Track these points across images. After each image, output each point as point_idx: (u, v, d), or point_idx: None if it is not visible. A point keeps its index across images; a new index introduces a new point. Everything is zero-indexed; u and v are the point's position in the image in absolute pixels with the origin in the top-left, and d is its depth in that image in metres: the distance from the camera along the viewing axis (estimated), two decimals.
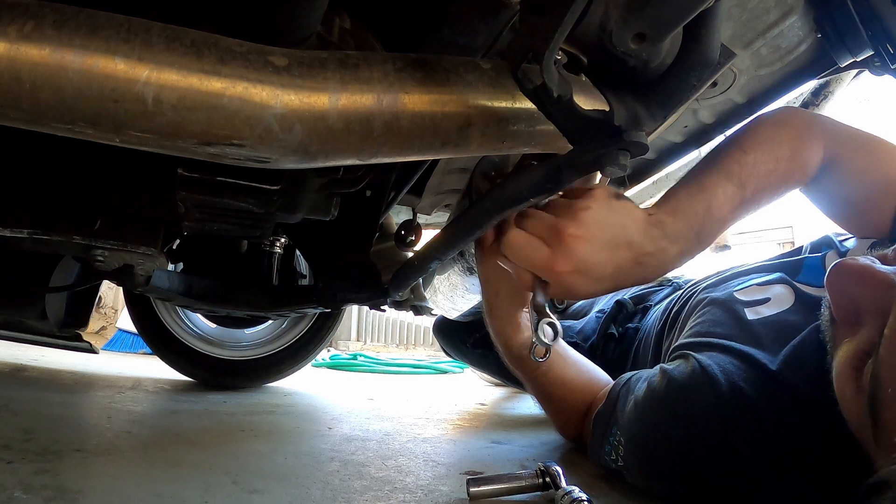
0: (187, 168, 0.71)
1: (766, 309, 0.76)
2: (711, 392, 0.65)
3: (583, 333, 1.32)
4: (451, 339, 1.53)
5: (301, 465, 0.77)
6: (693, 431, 0.65)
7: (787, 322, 0.72)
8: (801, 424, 0.61)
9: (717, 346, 0.72)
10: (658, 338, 1.04)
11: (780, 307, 0.76)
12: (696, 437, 0.65)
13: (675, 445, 0.66)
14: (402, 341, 5.73)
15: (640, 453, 0.71)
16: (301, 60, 0.44)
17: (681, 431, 0.66)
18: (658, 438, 0.68)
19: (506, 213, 0.64)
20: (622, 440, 0.73)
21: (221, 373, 1.62)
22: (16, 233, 0.81)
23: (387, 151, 0.48)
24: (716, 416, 0.64)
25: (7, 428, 0.82)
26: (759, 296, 0.80)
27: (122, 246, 0.85)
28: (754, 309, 0.77)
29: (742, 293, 0.82)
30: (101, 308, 3.38)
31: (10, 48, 0.37)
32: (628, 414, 0.73)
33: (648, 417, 0.70)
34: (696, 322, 0.83)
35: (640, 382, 0.76)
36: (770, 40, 0.83)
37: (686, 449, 0.65)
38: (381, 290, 1.09)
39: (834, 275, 0.51)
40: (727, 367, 0.67)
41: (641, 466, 0.71)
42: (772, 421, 0.62)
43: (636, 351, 1.15)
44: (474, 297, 1.08)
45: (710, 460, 0.64)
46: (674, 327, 0.98)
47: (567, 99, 0.45)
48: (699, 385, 0.67)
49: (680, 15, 0.42)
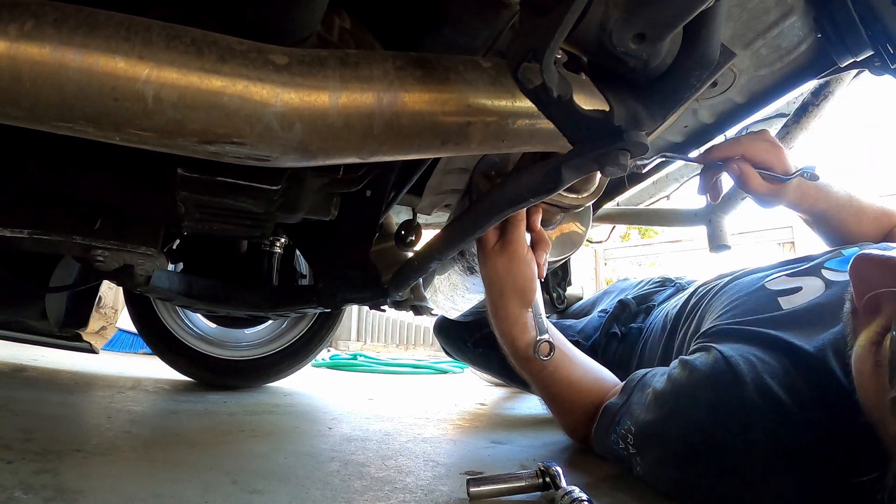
0: (187, 168, 0.71)
1: (800, 297, 0.78)
2: (734, 382, 0.65)
3: (584, 332, 1.32)
4: (452, 339, 1.53)
5: (301, 465, 0.77)
6: (714, 417, 0.65)
7: (822, 308, 0.73)
8: (825, 418, 0.60)
9: (748, 334, 0.73)
10: (669, 335, 1.04)
11: (813, 296, 0.77)
12: (717, 423, 0.64)
13: (693, 428, 0.66)
14: (402, 341, 5.73)
15: (655, 438, 0.71)
16: (301, 59, 0.44)
17: (702, 414, 0.66)
18: (677, 422, 0.68)
19: (506, 213, 0.64)
20: (631, 428, 0.73)
21: (221, 373, 1.62)
22: (16, 233, 0.81)
23: (387, 150, 0.48)
24: (738, 406, 0.64)
25: (7, 428, 0.82)
26: (791, 285, 0.82)
27: (122, 246, 0.85)
28: (788, 298, 0.79)
29: (773, 283, 0.84)
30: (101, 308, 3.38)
31: (10, 47, 0.37)
32: (646, 404, 0.73)
33: (668, 404, 0.70)
34: (724, 310, 0.84)
35: (658, 376, 0.76)
36: (770, 40, 0.83)
37: (704, 435, 0.65)
38: (381, 290, 1.09)
39: (857, 262, 0.54)
40: (750, 357, 0.67)
41: (654, 451, 0.71)
42: (794, 414, 0.62)
43: (642, 349, 1.15)
44: (475, 297, 1.08)
45: (727, 446, 0.63)
46: (685, 324, 0.99)
47: (567, 99, 0.45)
48: (721, 375, 0.67)
49: (680, 15, 0.42)
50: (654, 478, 0.72)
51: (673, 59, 0.47)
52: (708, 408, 0.66)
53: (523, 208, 0.63)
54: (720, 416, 0.64)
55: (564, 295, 1.58)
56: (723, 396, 0.65)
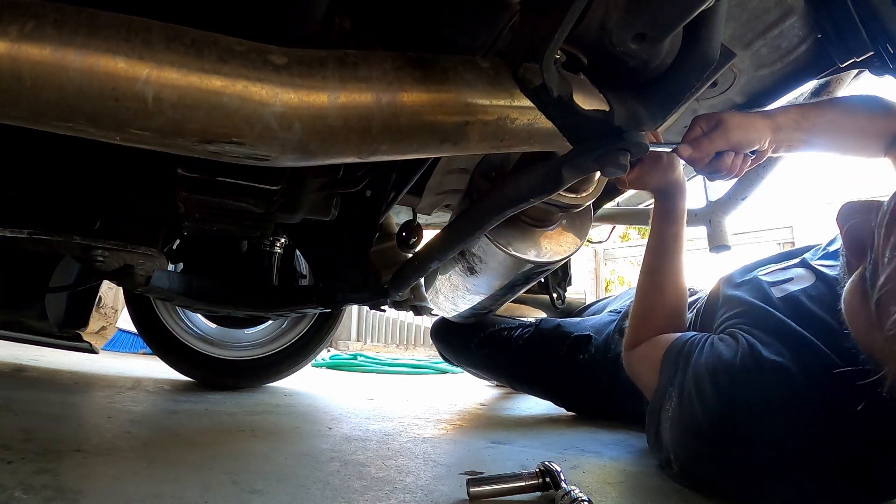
0: (187, 168, 0.71)
1: (791, 286, 0.84)
2: (760, 375, 0.70)
3: (596, 327, 1.34)
4: (453, 343, 1.52)
5: (301, 465, 0.77)
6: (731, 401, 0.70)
7: (811, 296, 0.79)
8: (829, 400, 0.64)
9: (759, 324, 0.78)
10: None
11: (803, 284, 0.83)
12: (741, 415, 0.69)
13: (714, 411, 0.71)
14: (402, 341, 5.73)
15: (687, 422, 0.74)
16: (300, 59, 0.44)
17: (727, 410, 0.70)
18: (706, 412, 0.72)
19: (506, 213, 0.64)
20: (674, 396, 0.77)
21: (221, 373, 1.62)
22: (16, 233, 0.81)
23: (386, 149, 0.48)
24: (762, 399, 0.68)
25: (7, 428, 0.82)
26: (782, 276, 0.88)
27: (122, 246, 0.85)
28: (780, 287, 0.85)
29: (767, 275, 0.90)
30: (101, 308, 3.38)
31: (11, 47, 0.38)
32: (689, 377, 0.77)
33: (700, 391, 0.74)
34: (728, 304, 0.89)
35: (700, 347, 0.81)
36: (770, 40, 0.83)
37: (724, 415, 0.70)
38: (381, 290, 1.09)
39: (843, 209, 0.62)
40: (771, 347, 0.72)
41: (686, 433, 0.75)
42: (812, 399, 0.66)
43: None
44: (476, 298, 1.08)
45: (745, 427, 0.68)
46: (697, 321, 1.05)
47: (567, 99, 0.45)
48: (747, 369, 0.71)
49: (680, 15, 0.42)
50: (683, 448, 0.75)
51: (673, 59, 0.47)
52: (729, 392, 0.71)
53: (524, 208, 0.64)
54: (738, 398, 0.70)
55: (564, 294, 1.58)
56: (741, 378, 0.71)
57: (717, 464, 0.70)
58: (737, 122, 0.84)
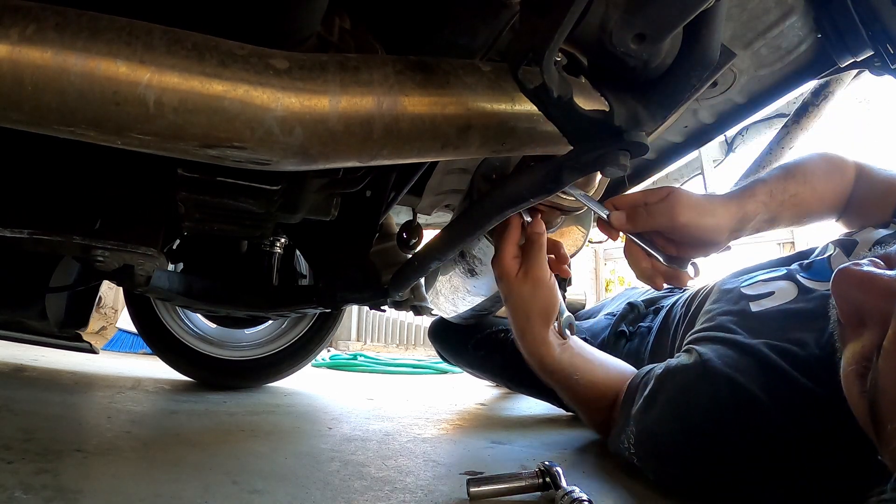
0: (187, 168, 0.71)
1: (769, 302, 0.81)
2: (708, 384, 0.68)
3: (592, 331, 1.34)
4: (450, 343, 1.52)
5: (301, 465, 0.77)
6: (689, 423, 0.68)
7: (788, 313, 0.76)
8: (799, 417, 0.63)
9: (720, 339, 0.76)
10: (675, 331, 1.08)
11: (784, 300, 0.80)
12: (693, 428, 0.67)
13: (675, 437, 0.69)
14: (402, 341, 5.73)
15: (647, 443, 0.74)
16: (301, 63, 0.44)
17: (678, 425, 0.69)
18: (662, 429, 0.71)
19: (506, 213, 0.64)
20: (633, 430, 0.76)
21: (221, 373, 1.62)
22: (16, 233, 0.80)
23: (387, 154, 0.48)
24: (713, 407, 0.67)
25: (7, 428, 0.82)
26: (764, 290, 0.84)
27: (122, 246, 0.84)
28: (758, 302, 0.81)
29: (748, 288, 0.87)
30: (101, 308, 3.39)
31: (12, 51, 0.38)
32: (639, 406, 0.76)
33: (652, 409, 0.74)
34: (704, 316, 0.87)
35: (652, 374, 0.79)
36: (770, 40, 0.83)
37: (684, 439, 0.68)
38: (381, 290, 1.09)
39: (837, 280, 0.53)
40: (727, 359, 0.70)
41: (649, 455, 0.74)
42: (770, 411, 0.64)
43: (650, 346, 1.18)
44: (476, 299, 1.08)
45: (708, 450, 0.66)
46: (683, 323, 1.03)
47: (567, 99, 0.45)
48: (696, 378, 0.70)
49: (680, 15, 0.42)
50: (657, 476, 0.75)
51: (673, 60, 0.47)
52: (684, 413, 0.69)
53: (524, 208, 0.64)
54: (695, 420, 0.68)
55: (564, 295, 1.58)
56: (695, 401, 0.68)
57: (691, 477, 0.70)
58: (691, 202, 0.74)
